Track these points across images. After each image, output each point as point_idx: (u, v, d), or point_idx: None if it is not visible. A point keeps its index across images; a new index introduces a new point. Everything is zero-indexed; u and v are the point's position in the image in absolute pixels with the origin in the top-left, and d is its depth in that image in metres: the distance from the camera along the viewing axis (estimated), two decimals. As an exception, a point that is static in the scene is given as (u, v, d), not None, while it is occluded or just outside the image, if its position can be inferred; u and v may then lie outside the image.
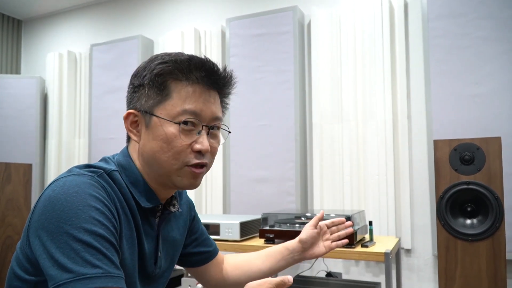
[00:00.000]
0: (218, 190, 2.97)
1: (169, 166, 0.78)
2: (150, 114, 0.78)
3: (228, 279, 1.09)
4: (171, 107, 0.77)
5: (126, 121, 0.81)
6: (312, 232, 1.07)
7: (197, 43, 3.16)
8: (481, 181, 1.48)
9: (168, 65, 0.78)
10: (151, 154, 0.78)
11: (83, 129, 3.65)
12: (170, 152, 0.77)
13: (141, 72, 0.81)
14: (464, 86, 2.30)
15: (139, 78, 0.80)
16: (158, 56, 0.82)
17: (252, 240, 2.09)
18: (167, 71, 0.78)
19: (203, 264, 1.06)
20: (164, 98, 0.77)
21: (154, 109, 0.78)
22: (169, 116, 0.77)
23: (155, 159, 0.78)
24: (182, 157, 0.77)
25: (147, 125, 0.79)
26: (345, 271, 2.60)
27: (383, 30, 2.54)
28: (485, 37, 2.28)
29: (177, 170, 0.78)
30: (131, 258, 0.77)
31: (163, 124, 0.77)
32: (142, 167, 0.82)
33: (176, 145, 0.77)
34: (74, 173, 0.74)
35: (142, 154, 0.81)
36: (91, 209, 0.68)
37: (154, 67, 0.79)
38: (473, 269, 1.48)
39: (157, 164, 0.79)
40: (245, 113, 2.84)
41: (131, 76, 0.84)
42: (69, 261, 0.63)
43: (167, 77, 0.78)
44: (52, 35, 4.04)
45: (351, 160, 2.56)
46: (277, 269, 1.09)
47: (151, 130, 0.78)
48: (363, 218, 2.07)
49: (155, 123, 0.77)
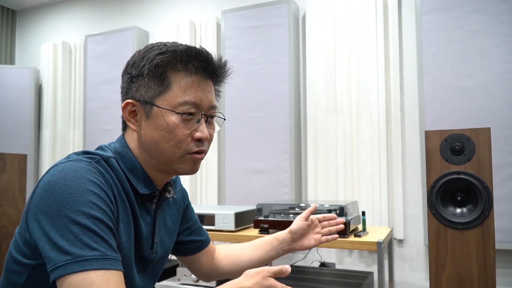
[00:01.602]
0: (213, 181, 2.99)
1: (171, 155, 0.81)
2: (150, 104, 0.80)
3: (219, 269, 1.11)
4: (172, 98, 0.79)
5: (124, 111, 0.83)
6: (303, 224, 1.09)
7: (192, 34, 3.16)
8: (471, 171, 1.51)
9: (167, 55, 0.79)
10: (153, 143, 0.81)
11: (77, 120, 3.64)
12: (172, 141, 0.80)
13: (138, 62, 0.81)
14: (456, 78, 2.33)
15: (137, 68, 0.81)
16: (154, 46, 0.83)
17: (247, 230, 2.12)
18: (167, 61, 0.79)
19: (195, 253, 1.08)
20: (165, 88, 0.79)
21: (155, 99, 0.79)
22: (170, 106, 0.79)
23: (156, 148, 0.81)
24: (184, 146, 0.80)
25: (147, 115, 0.80)
26: (338, 261, 2.64)
27: (377, 23, 2.56)
28: (478, 30, 2.30)
29: (179, 158, 0.81)
30: (127, 242, 0.79)
31: (164, 114, 0.79)
32: (140, 154, 0.84)
33: (178, 134, 0.79)
34: (72, 159, 0.76)
35: (142, 143, 0.83)
36: (89, 193, 0.69)
37: (153, 57, 0.80)
38: (463, 257, 1.52)
39: (159, 153, 0.81)
40: (240, 105, 2.86)
41: (127, 66, 0.84)
42: (67, 244, 0.65)
43: (166, 68, 0.79)
44: (47, 26, 4.02)
45: (345, 151, 2.59)
46: (267, 259, 1.11)
47: (152, 120, 0.80)
48: (356, 209, 2.10)
49: (156, 113, 0.79)
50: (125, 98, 0.83)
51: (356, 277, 2.07)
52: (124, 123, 0.86)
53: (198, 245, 1.08)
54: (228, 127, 2.88)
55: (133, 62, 0.83)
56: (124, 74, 0.85)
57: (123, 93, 0.85)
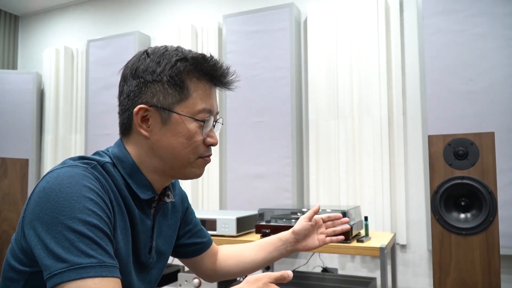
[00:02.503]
0: (215, 186, 2.98)
1: (186, 160, 0.82)
2: (170, 111, 0.79)
3: (222, 269, 1.11)
4: (192, 105, 0.80)
5: (136, 116, 0.80)
6: (306, 224, 1.08)
7: (194, 39, 3.16)
8: (475, 176, 1.50)
9: (188, 63, 0.80)
10: (169, 149, 0.81)
11: (79, 125, 3.64)
12: (190, 147, 0.81)
13: (153, 67, 0.80)
14: (459, 82, 2.32)
15: (152, 74, 0.79)
16: (167, 51, 0.82)
17: (249, 235, 2.10)
18: (188, 69, 0.80)
19: (197, 255, 1.07)
20: (184, 96, 0.80)
21: (175, 106, 0.80)
22: (190, 114, 0.80)
23: (173, 154, 0.81)
24: (198, 151, 0.83)
25: (164, 122, 0.80)
26: (340, 266, 2.62)
27: (379, 27, 2.55)
28: (480, 34, 2.29)
29: (191, 163, 0.83)
30: (125, 248, 0.78)
31: (185, 121, 0.80)
32: (143, 159, 0.83)
33: (196, 140, 0.81)
34: (68, 164, 0.75)
35: (153, 149, 0.82)
36: (85, 199, 0.69)
37: (173, 63, 0.79)
38: (467, 263, 1.50)
39: (174, 158, 0.82)
40: (241, 110, 2.85)
41: (135, 69, 0.82)
42: (63, 251, 0.64)
43: (186, 75, 0.80)
44: (49, 31, 4.03)
45: (347, 156, 2.57)
46: (270, 260, 1.10)
47: (170, 127, 0.80)
48: (358, 214, 2.09)
49: (176, 120, 0.80)
50: (132, 103, 0.81)
51: (358, 283, 2.05)
52: (125, 128, 0.84)
53: (200, 247, 1.07)
54: (229, 131, 2.88)
55: (146, 66, 0.80)
56: (132, 78, 0.82)
57: (130, 97, 0.82)
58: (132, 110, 0.81)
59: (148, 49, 0.84)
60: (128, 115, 0.82)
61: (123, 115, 0.84)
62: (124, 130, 0.85)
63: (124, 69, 0.85)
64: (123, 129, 0.85)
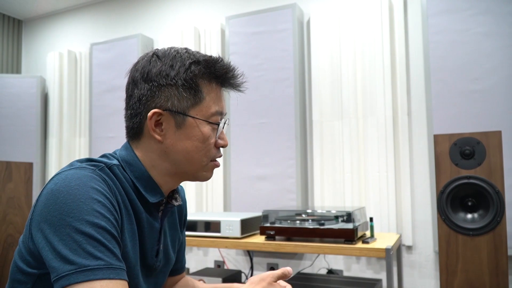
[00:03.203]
0: (219, 187, 2.97)
1: (199, 163, 0.82)
2: (184, 115, 0.79)
3: None
4: (206, 109, 0.81)
5: (150, 121, 0.79)
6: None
7: (197, 41, 3.16)
8: (481, 175, 1.48)
9: (202, 66, 0.80)
10: (184, 153, 0.81)
11: (83, 128, 3.65)
12: (204, 150, 0.82)
13: (166, 70, 0.79)
14: (464, 81, 2.30)
15: (166, 78, 0.79)
16: (180, 54, 0.81)
17: (253, 237, 2.09)
18: (202, 72, 0.80)
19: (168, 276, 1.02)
20: (199, 99, 0.80)
21: (190, 110, 0.80)
22: (204, 117, 0.81)
23: (187, 158, 0.81)
24: (211, 154, 0.83)
25: (179, 125, 0.80)
26: (346, 268, 2.60)
27: (383, 27, 2.54)
28: (485, 33, 2.27)
29: (204, 166, 0.83)
30: (133, 251, 0.78)
31: (199, 124, 0.80)
32: (153, 163, 0.82)
33: (209, 143, 0.82)
34: (76, 166, 0.75)
35: (166, 153, 0.81)
36: (93, 201, 0.68)
37: (187, 67, 0.79)
38: (474, 264, 1.48)
39: (188, 162, 0.82)
40: (245, 111, 2.84)
41: (147, 73, 0.80)
42: (71, 253, 0.64)
43: (199, 79, 0.80)
44: (52, 35, 4.05)
45: (351, 157, 2.56)
46: None
47: (184, 130, 0.80)
48: (363, 215, 2.07)
49: (190, 123, 0.80)
50: (145, 107, 0.80)
51: (364, 285, 2.03)
52: (135, 132, 0.83)
53: (173, 271, 1.03)
54: (233, 133, 2.87)
55: (159, 70, 0.79)
56: (144, 81, 0.80)
57: (142, 101, 0.80)
58: (144, 114, 0.80)
59: (156, 51, 0.83)
60: (140, 119, 0.81)
61: (133, 119, 0.82)
62: (134, 134, 0.84)
63: (133, 72, 0.83)
64: (132, 133, 0.84)
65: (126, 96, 0.85)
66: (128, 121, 0.85)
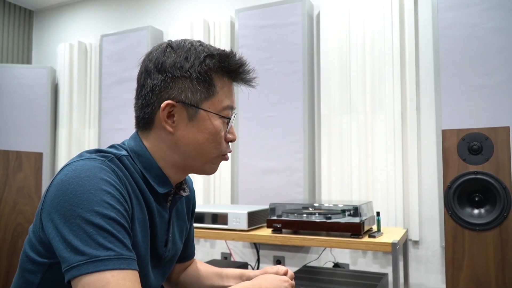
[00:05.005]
0: (227, 180, 2.99)
1: (209, 156, 0.83)
2: (197, 107, 0.80)
3: (183, 282, 1.10)
4: (218, 102, 0.82)
5: (163, 112, 0.80)
6: None
7: (206, 34, 3.17)
8: (489, 171, 1.48)
9: (217, 60, 0.81)
10: (195, 145, 0.81)
11: (93, 119, 3.69)
12: (214, 143, 0.82)
13: (181, 62, 0.79)
14: (473, 77, 2.28)
15: (181, 70, 0.79)
16: (194, 46, 0.81)
17: (260, 230, 2.11)
18: (217, 66, 0.81)
19: (178, 262, 1.06)
20: (212, 92, 0.81)
21: (203, 103, 0.80)
22: (217, 110, 0.82)
23: (197, 150, 0.82)
24: (221, 148, 0.84)
25: (191, 117, 0.80)
26: (352, 262, 2.61)
27: (393, 21, 2.52)
28: (495, 28, 2.24)
29: (213, 158, 0.84)
30: (143, 241, 0.79)
31: (211, 117, 0.81)
32: (162, 154, 0.83)
33: (220, 137, 0.83)
34: (85, 157, 0.75)
35: (177, 145, 0.82)
36: (102, 192, 0.69)
37: (202, 59, 0.80)
38: (480, 259, 1.48)
39: (198, 154, 0.82)
40: (253, 104, 2.85)
41: (161, 64, 0.80)
42: (81, 244, 0.65)
43: (213, 73, 0.81)
44: (63, 26, 4.08)
45: (359, 151, 2.56)
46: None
47: (196, 123, 0.81)
48: (370, 209, 2.08)
49: (202, 116, 0.80)
50: (157, 97, 0.80)
51: (370, 278, 2.04)
52: (145, 122, 0.83)
53: (182, 257, 1.06)
54: (241, 126, 2.88)
55: (173, 61, 0.80)
56: (157, 72, 0.80)
57: (154, 92, 0.80)
58: (156, 105, 0.80)
59: (170, 42, 0.84)
60: (151, 110, 0.81)
61: (144, 109, 0.82)
62: (144, 124, 0.84)
63: (146, 62, 0.83)
64: (143, 123, 0.84)
65: (137, 86, 0.85)
66: (138, 111, 0.85)
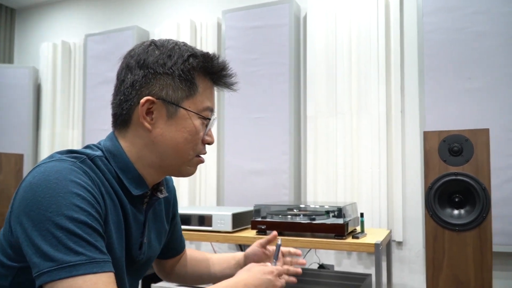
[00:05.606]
0: (212, 182, 2.97)
1: (186, 156, 0.82)
2: (177, 106, 0.79)
3: (180, 273, 1.11)
4: (199, 102, 0.81)
5: (142, 108, 0.79)
6: (257, 250, 1.07)
7: (193, 34, 3.16)
8: (469, 172, 1.50)
9: (200, 60, 0.81)
10: (173, 144, 0.80)
11: (76, 120, 3.63)
12: (192, 143, 0.82)
13: (164, 59, 0.79)
14: (457, 80, 2.31)
15: (163, 66, 0.79)
16: (178, 46, 0.81)
17: (244, 231, 2.10)
18: (200, 66, 0.81)
19: (167, 258, 1.08)
20: (193, 92, 0.80)
21: (183, 101, 0.80)
22: (197, 110, 0.81)
23: (175, 149, 0.81)
24: (198, 149, 0.83)
25: (170, 115, 0.79)
26: (337, 263, 2.62)
27: (379, 24, 2.55)
28: (479, 32, 2.28)
29: (189, 160, 0.83)
30: (118, 243, 0.77)
31: (191, 117, 0.81)
32: (139, 153, 0.82)
33: (198, 137, 0.82)
34: (55, 159, 0.73)
35: (154, 143, 0.80)
36: (72, 195, 0.67)
37: (185, 58, 0.79)
38: (460, 259, 1.50)
39: (176, 154, 0.81)
40: (240, 106, 2.84)
41: (143, 60, 0.80)
42: (51, 249, 0.63)
43: (196, 73, 0.81)
44: (46, 25, 4.01)
45: (345, 153, 2.57)
46: (222, 277, 1.09)
47: (175, 121, 0.80)
48: (355, 210, 2.09)
49: (183, 115, 0.80)
50: (137, 93, 0.79)
51: (353, 279, 2.05)
52: (123, 119, 0.82)
53: (174, 253, 1.08)
54: (228, 127, 2.87)
55: (156, 58, 0.79)
56: (139, 68, 0.80)
57: (134, 87, 0.79)
58: (135, 100, 0.79)
59: (153, 40, 0.83)
60: (130, 106, 0.80)
61: (123, 105, 0.81)
62: (122, 121, 0.83)
63: (128, 58, 0.83)
64: (120, 120, 0.83)
65: (117, 82, 0.84)
66: (116, 107, 0.84)
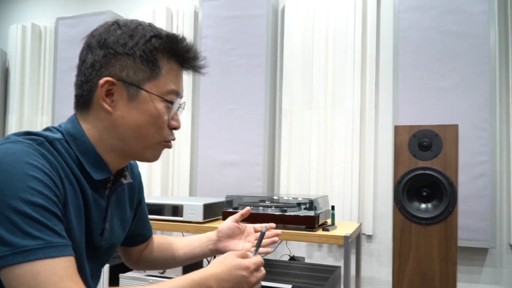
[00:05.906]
0: (185, 172, 2.94)
1: (149, 140, 0.80)
2: (138, 87, 0.76)
3: (148, 258, 1.09)
4: (162, 85, 0.78)
5: (101, 89, 0.76)
6: (230, 224, 1.06)
7: (169, 22, 3.09)
8: (437, 167, 1.53)
9: (164, 41, 0.78)
10: (134, 127, 0.78)
11: (46, 106, 3.51)
12: (154, 127, 0.79)
13: (125, 40, 0.76)
14: (431, 78, 2.35)
15: (124, 47, 0.76)
16: (142, 26, 0.78)
17: (215, 222, 2.09)
18: (163, 47, 0.77)
19: (134, 245, 1.05)
20: (156, 74, 0.77)
21: (145, 83, 0.77)
22: (160, 93, 0.78)
23: (136, 133, 0.78)
24: (163, 133, 0.80)
25: (131, 98, 0.77)
26: (308, 255, 2.64)
27: (356, 19, 2.56)
28: (453, 31, 2.32)
29: (154, 144, 0.81)
30: (78, 228, 0.75)
31: (153, 99, 0.78)
32: (100, 136, 0.79)
33: (161, 121, 0.79)
34: (11, 140, 0.70)
35: (115, 126, 0.78)
36: (28, 178, 0.64)
37: (147, 38, 0.76)
38: (426, 252, 1.53)
39: (137, 137, 0.78)
40: (215, 96, 2.81)
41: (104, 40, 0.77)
42: (7, 233, 0.61)
43: (159, 53, 0.78)
44: (16, 6, 3.85)
45: (318, 146, 2.58)
46: (193, 257, 1.08)
47: (136, 104, 0.77)
48: (326, 203, 2.10)
49: (144, 97, 0.77)
50: (97, 74, 0.77)
51: (323, 271, 2.07)
52: (84, 101, 0.79)
53: (141, 239, 1.05)
54: (202, 118, 2.84)
55: (117, 38, 0.76)
56: (99, 47, 0.77)
57: (95, 68, 0.77)
58: (95, 81, 0.77)
59: (117, 20, 0.80)
60: (90, 87, 0.78)
61: (83, 86, 0.79)
62: (83, 103, 0.80)
63: (89, 37, 0.80)
64: (81, 102, 0.80)
65: (78, 63, 0.82)
66: (78, 89, 0.81)
